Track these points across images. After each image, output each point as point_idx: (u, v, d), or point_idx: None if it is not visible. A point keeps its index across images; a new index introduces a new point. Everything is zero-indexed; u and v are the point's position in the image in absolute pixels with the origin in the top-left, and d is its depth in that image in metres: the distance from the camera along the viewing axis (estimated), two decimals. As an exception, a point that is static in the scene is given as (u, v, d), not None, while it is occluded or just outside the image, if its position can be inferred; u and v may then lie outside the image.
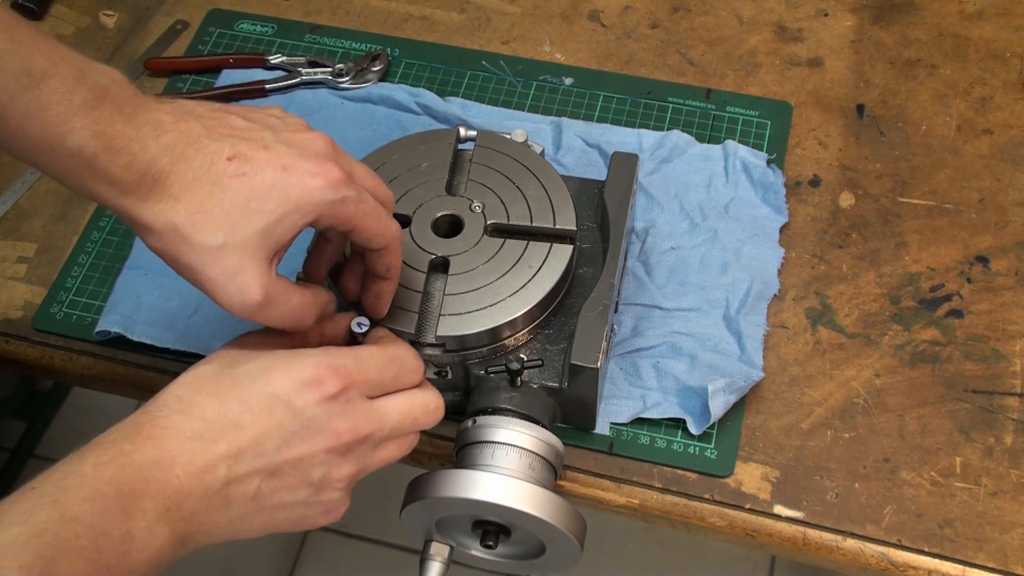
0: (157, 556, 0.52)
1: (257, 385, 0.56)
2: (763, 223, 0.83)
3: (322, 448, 0.57)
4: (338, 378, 0.57)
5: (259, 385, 0.56)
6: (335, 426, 0.57)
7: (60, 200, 0.88)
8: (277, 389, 0.56)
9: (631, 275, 0.80)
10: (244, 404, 0.56)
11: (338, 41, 0.97)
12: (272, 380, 0.57)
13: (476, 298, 0.70)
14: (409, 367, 0.62)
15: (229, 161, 0.56)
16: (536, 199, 0.74)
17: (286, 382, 0.57)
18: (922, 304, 0.80)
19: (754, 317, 0.78)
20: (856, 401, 0.76)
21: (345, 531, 1.65)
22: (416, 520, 0.68)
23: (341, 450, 0.58)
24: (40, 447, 1.71)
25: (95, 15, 1.01)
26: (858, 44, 0.95)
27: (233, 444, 0.55)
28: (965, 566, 0.70)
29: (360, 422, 0.58)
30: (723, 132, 0.89)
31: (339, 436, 0.57)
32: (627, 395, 0.75)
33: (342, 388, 0.57)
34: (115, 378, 0.80)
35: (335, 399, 0.57)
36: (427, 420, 0.62)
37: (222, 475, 0.54)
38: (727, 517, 0.72)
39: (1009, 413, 0.75)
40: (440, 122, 0.90)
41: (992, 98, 0.91)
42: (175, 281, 0.81)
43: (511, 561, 0.72)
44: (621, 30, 0.97)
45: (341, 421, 0.57)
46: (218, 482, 0.54)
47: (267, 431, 0.56)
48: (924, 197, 0.85)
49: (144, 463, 0.53)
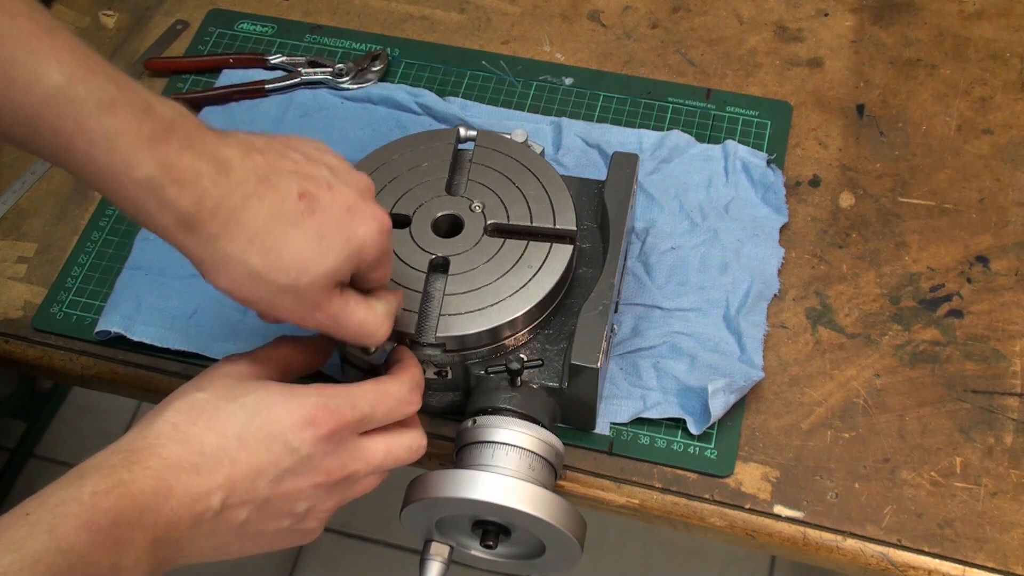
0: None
1: (255, 422, 0.57)
2: (763, 223, 0.83)
3: (311, 484, 0.59)
4: (334, 419, 0.59)
5: (257, 422, 0.58)
6: (326, 465, 0.59)
7: (60, 200, 0.88)
8: (275, 428, 0.58)
9: (631, 275, 0.80)
10: (241, 440, 0.57)
11: (338, 41, 0.97)
12: (271, 418, 0.58)
13: (476, 298, 0.70)
14: (403, 400, 0.63)
15: (300, 199, 0.57)
16: (536, 199, 0.74)
17: (285, 420, 0.58)
18: (922, 304, 0.80)
19: (754, 317, 0.78)
20: (856, 401, 0.76)
21: (345, 531, 1.65)
22: (416, 520, 0.68)
23: (328, 486, 0.60)
24: (40, 447, 1.71)
25: (95, 15, 1.01)
26: (858, 44, 0.95)
27: (229, 478, 0.56)
28: (965, 566, 0.70)
29: (348, 461, 0.60)
30: (723, 132, 0.89)
31: (329, 474, 0.59)
32: (627, 395, 0.75)
33: (335, 429, 0.59)
34: (115, 378, 0.80)
35: (328, 439, 0.59)
36: (408, 459, 0.64)
37: (215, 506, 0.55)
38: (727, 517, 0.72)
39: (1009, 413, 0.75)
40: (440, 122, 0.90)
41: (992, 98, 0.91)
42: (175, 281, 0.81)
43: (511, 561, 0.72)
44: (621, 30, 0.97)
45: (332, 460, 0.59)
46: (210, 513, 0.55)
47: (262, 467, 0.57)
48: (924, 197, 0.85)
49: (141, 494, 0.53)
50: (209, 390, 0.59)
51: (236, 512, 0.57)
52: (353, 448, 0.60)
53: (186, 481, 0.55)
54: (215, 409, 0.58)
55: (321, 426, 0.58)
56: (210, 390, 0.59)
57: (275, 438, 0.57)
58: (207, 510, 0.55)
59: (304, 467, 0.58)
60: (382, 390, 0.62)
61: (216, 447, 0.56)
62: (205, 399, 0.58)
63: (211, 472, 0.55)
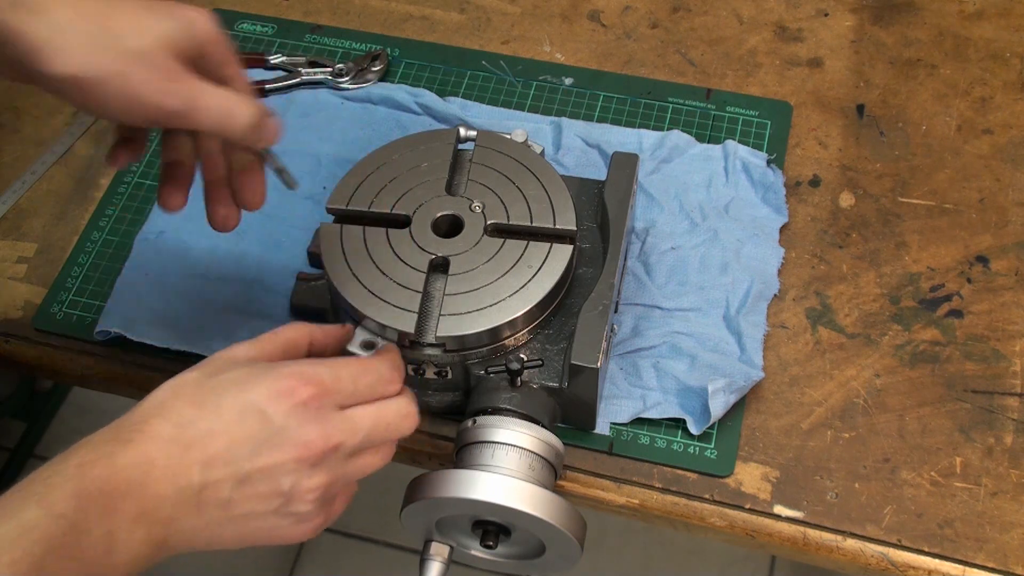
0: (135, 559, 0.53)
1: (232, 393, 0.57)
2: (763, 223, 0.83)
3: (292, 457, 0.57)
4: (310, 387, 0.58)
5: (234, 393, 0.57)
6: (305, 435, 0.57)
7: (60, 200, 0.88)
8: (251, 398, 0.57)
9: (631, 275, 0.80)
10: (218, 412, 0.56)
11: (338, 41, 0.97)
12: (247, 389, 0.57)
13: (476, 298, 0.70)
14: (385, 377, 0.62)
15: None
16: (536, 199, 0.74)
17: (260, 391, 0.57)
18: (922, 304, 0.80)
19: (754, 317, 0.78)
20: (856, 401, 0.76)
21: (345, 531, 1.65)
22: (416, 520, 0.68)
23: (312, 460, 0.57)
24: (40, 447, 1.71)
25: (95, 15, 1.01)
26: (858, 44, 0.95)
27: (206, 450, 0.55)
28: (965, 566, 0.70)
29: (330, 431, 0.58)
30: (723, 132, 0.89)
31: (309, 445, 0.57)
32: (627, 395, 0.75)
33: (313, 396, 0.58)
34: (115, 378, 0.80)
35: (306, 408, 0.57)
36: (401, 427, 0.62)
37: (196, 481, 0.55)
38: (727, 517, 0.72)
39: (1009, 413, 0.75)
40: (440, 122, 0.90)
41: (992, 98, 0.91)
42: (176, 281, 0.81)
43: (511, 561, 0.72)
44: (621, 30, 0.97)
45: (311, 430, 0.57)
46: (191, 488, 0.55)
47: (239, 439, 0.56)
48: (924, 197, 0.85)
49: (125, 465, 0.53)
50: (199, 370, 0.59)
51: (218, 488, 0.55)
52: (335, 418, 0.59)
53: (167, 454, 0.54)
54: (199, 384, 0.58)
55: (297, 395, 0.57)
56: (199, 370, 0.59)
57: (251, 409, 0.56)
58: (189, 485, 0.54)
59: (281, 438, 0.57)
60: (364, 364, 0.62)
61: (194, 419, 0.56)
62: (192, 378, 0.58)
63: (189, 445, 0.55)
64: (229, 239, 0.81)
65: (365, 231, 0.73)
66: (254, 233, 0.84)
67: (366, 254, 0.72)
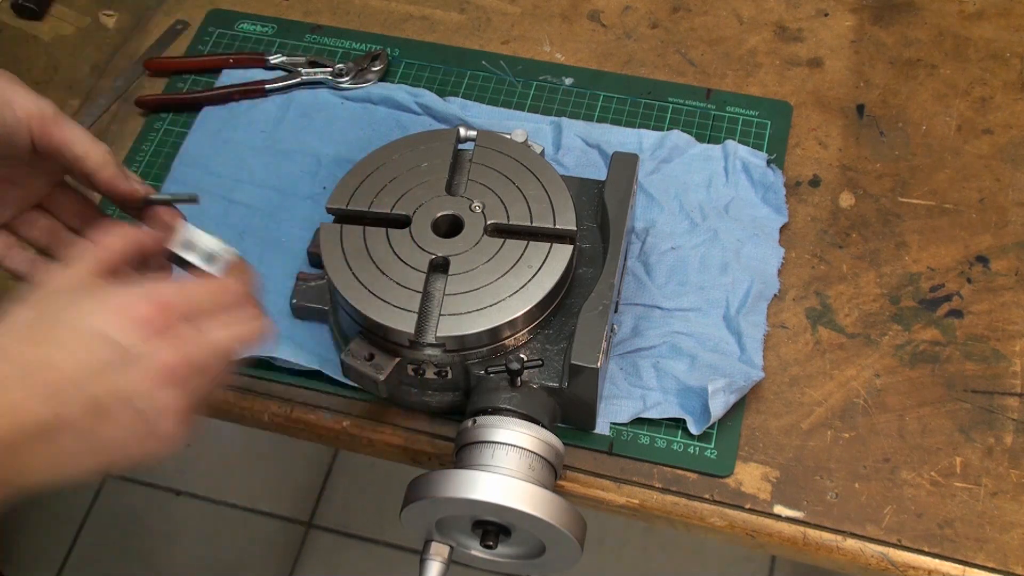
0: None
1: (75, 325, 0.55)
2: (763, 223, 0.83)
3: (145, 378, 0.55)
4: (155, 307, 0.56)
5: (77, 325, 0.55)
6: (160, 356, 0.55)
7: (60, 200, 0.88)
8: (94, 323, 0.55)
9: (631, 275, 0.80)
10: (61, 344, 0.54)
11: (338, 41, 0.97)
12: (93, 318, 0.55)
13: (476, 298, 0.70)
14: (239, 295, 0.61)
15: None
16: (536, 199, 0.74)
17: (107, 318, 0.55)
18: (922, 304, 0.80)
19: (754, 317, 0.78)
20: (856, 401, 0.76)
21: (345, 531, 1.65)
22: (416, 520, 0.68)
23: (169, 379, 0.56)
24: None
25: (95, 15, 1.01)
26: (858, 44, 0.95)
27: (49, 383, 0.53)
28: (965, 566, 0.70)
29: (185, 349, 0.56)
30: (723, 132, 0.89)
31: (165, 365, 0.55)
32: (627, 395, 0.75)
33: (158, 316, 0.56)
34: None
35: (152, 327, 0.56)
36: (252, 334, 0.60)
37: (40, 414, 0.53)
38: (727, 517, 0.72)
39: (1009, 413, 0.75)
40: (440, 122, 0.90)
41: (992, 98, 0.91)
42: (175, 281, 0.81)
43: (511, 561, 0.72)
44: (621, 30, 0.97)
45: (166, 351, 0.56)
46: (35, 424, 0.53)
47: (86, 366, 0.54)
48: (924, 197, 0.85)
49: None
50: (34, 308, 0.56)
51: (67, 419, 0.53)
52: (187, 336, 0.57)
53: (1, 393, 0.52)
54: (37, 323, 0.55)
55: (146, 316, 0.55)
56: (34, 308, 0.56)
57: (97, 335, 0.54)
58: (30, 421, 0.52)
59: (131, 360, 0.55)
60: (213, 281, 0.61)
61: (34, 356, 0.54)
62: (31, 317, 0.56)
63: (29, 379, 0.53)
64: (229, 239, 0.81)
65: (365, 231, 0.73)
66: (254, 233, 0.84)
67: (366, 254, 0.72)
